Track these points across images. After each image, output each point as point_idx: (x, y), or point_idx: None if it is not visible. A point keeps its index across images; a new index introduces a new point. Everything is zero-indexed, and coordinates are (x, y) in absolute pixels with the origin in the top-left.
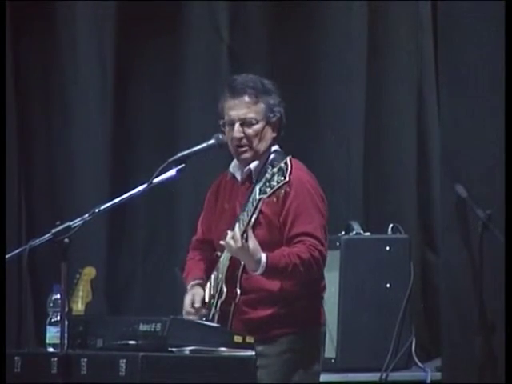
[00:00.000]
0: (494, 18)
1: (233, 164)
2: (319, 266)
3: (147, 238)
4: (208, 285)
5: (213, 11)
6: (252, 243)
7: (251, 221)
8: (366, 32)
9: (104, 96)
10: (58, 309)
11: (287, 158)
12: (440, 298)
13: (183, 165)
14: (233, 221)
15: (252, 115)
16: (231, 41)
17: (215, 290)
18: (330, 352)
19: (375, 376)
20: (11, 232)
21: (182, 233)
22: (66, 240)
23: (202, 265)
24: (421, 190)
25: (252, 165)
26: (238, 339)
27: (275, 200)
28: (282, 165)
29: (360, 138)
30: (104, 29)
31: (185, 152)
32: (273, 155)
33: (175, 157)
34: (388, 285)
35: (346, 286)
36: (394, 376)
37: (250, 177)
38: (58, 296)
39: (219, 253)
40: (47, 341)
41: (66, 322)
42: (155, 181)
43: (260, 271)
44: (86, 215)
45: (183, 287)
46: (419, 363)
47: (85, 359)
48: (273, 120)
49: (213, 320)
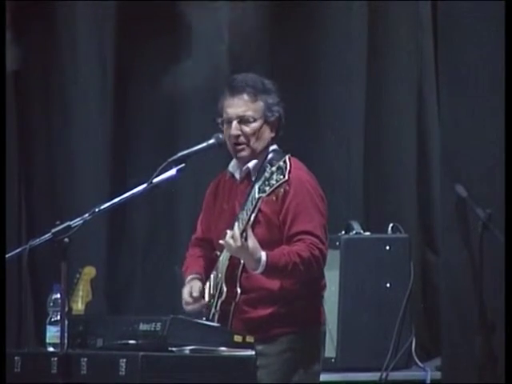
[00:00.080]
0: (494, 18)
1: (232, 163)
2: (319, 265)
3: (147, 238)
4: (208, 284)
5: (213, 11)
6: (251, 242)
7: (250, 220)
8: (366, 32)
9: (104, 96)
10: (58, 308)
11: (286, 157)
12: (440, 298)
13: (183, 164)
14: (232, 220)
15: (250, 113)
16: (231, 41)
17: (215, 290)
18: (330, 351)
19: (375, 375)
20: (11, 232)
21: (182, 232)
22: (66, 240)
23: (201, 261)
24: (421, 190)
25: (250, 164)
26: (238, 339)
27: (274, 199)
28: (281, 163)
29: (360, 138)
30: (104, 29)
31: (185, 152)
32: (271, 154)
33: (175, 156)
34: (388, 284)
35: (346, 286)
36: (394, 375)
37: (249, 176)
38: (58, 295)
39: (218, 252)
40: (47, 340)
41: (66, 322)
42: (155, 180)
43: (260, 270)
44: (86, 215)
45: (182, 283)
46: (419, 363)
47: (85, 359)
48: (271, 119)
49: (213, 320)
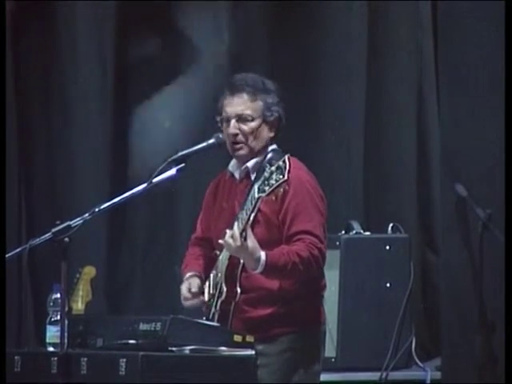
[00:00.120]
0: (494, 18)
1: (232, 163)
2: (319, 264)
3: (147, 238)
4: (207, 283)
5: (213, 11)
6: (251, 242)
7: (250, 219)
8: (366, 32)
9: (104, 96)
10: (58, 308)
11: (285, 157)
12: (440, 298)
13: (183, 164)
14: (232, 219)
15: (248, 112)
16: (231, 41)
17: (215, 289)
18: (330, 351)
19: (375, 375)
20: (11, 232)
21: (182, 232)
22: (66, 239)
23: (201, 260)
24: (421, 190)
25: (249, 163)
26: (238, 338)
27: (274, 198)
28: (281, 163)
29: (360, 138)
30: (104, 29)
31: (185, 151)
32: (271, 154)
33: (175, 156)
34: (388, 284)
35: (346, 286)
36: (394, 375)
37: (248, 175)
38: (58, 295)
39: (218, 252)
40: (47, 340)
41: (66, 322)
42: (155, 180)
43: (259, 270)
44: (86, 215)
45: (182, 282)
46: (419, 363)
47: (85, 358)
48: (270, 119)
49: (213, 319)
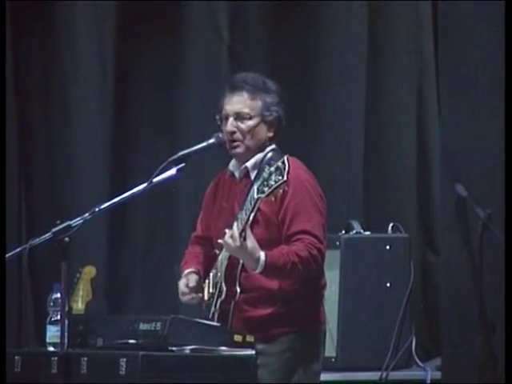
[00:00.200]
0: (494, 18)
1: (232, 162)
2: (318, 264)
3: (147, 237)
4: (207, 282)
5: (213, 11)
6: (250, 242)
7: (249, 220)
8: (366, 32)
9: (104, 96)
10: (58, 308)
11: (284, 157)
12: (440, 298)
13: (183, 164)
14: (231, 219)
15: (246, 110)
16: (231, 41)
17: (214, 289)
18: (331, 351)
19: (375, 375)
20: (11, 232)
21: (182, 232)
22: (66, 239)
23: (200, 259)
24: (421, 190)
25: (249, 163)
26: (238, 338)
27: (273, 199)
28: (280, 164)
29: (360, 138)
30: (104, 29)
31: (185, 151)
32: (270, 154)
33: (175, 156)
34: (388, 284)
35: (346, 285)
36: (394, 375)
37: (248, 175)
38: (58, 295)
39: (217, 251)
40: (47, 340)
41: (66, 321)
42: (155, 180)
43: (259, 270)
44: (86, 214)
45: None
46: (419, 362)
47: (85, 358)
48: (269, 118)
49: (213, 319)
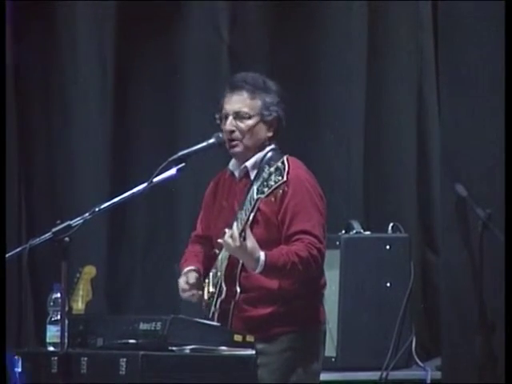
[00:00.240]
0: (494, 18)
1: (232, 161)
2: (318, 264)
3: (147, 237)
4: (206, 282)
5: (213, 11)
6: (250, 242)
7: (249, 220)
8: (366, 32)
9: (104, 96)
10: (59, 308)
11: (284, 158)
12: (440, 298)
13: (183, 164)
14: (231, 218)
15: (245, 110)
16: (231, 41)
17: (214, 288)
18: (331, 351)
19: (375, 375)
20: (11, 232)
21: (182, 232)
22: (67, 239)
23: (200, 257)
24: (421, 190)
25: (248, 162)
26: (238, 338)
27: (273, 200)
28: (279, 164)
29: (360, 138)
30: (104, 29)
31: (185, 151)
32: (270, 153)
33: (175, 156)
34: (388, 284)
35: (346, 285)
36: (394, 375)
37: (248, 174)
38: (59, 295)
39: (217, 250)
40: (47, 340)
41: (67, 321)
42: (155, 180)
43: (259, 270)
44: (87, 214)
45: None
46: (419, 362)
47: (85, 358)
48: (268, 118)
49: (213, 318)
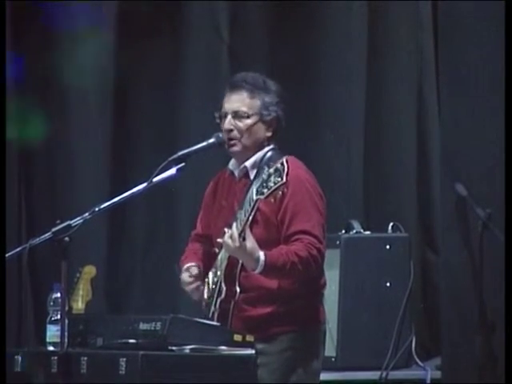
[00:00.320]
0: (494, 18)
1: (232, 161)
2: (317, 264)
3: (147, 237)
4: (206, 281)
5: (213, 11)
6: (250, 242)
7: (249, 220)
8: (366, 32)
9: (104, 96)
10: (58, 307)
11: (283, 159)
12: (440, 297)
13: (183, 163)
14: (231, 218)
15: (244, 109)
16: (231, 41)
17: (214, 288)
18: (331, 351)
19: (375, 374)
20: (11, 231)
21: (182, 231)
22: (66, 239)
23: (200, 256)
24: (421, 190)
25: (248, 162)
26: (238, 338)
27: (273, 201)
28: (279, 165)
29: (360, 138)
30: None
31: (185, 151)
32: (269, 153)
33: (175, 155)
34: (388, 283)
35: (346, 285)
36: (394, 375)
37: (247, 174)
38: (58, 295)
39: (217, 249)
40: (47, 339)
41: (66, 321)
42: (155, 179)
43: (259, 270)
44: (86, 214)
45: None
46: (419, 362)
47: (85, 358)
48: (267, 118)
49: (212, 318)
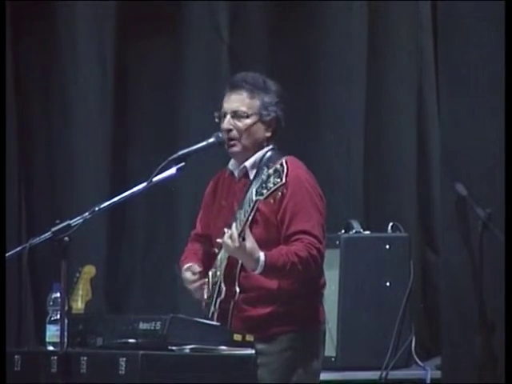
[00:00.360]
0: (494, 18)
1: (231, 161)
2: (317, 264)
3: (147, 237)
4: (206, 281)
5: (213, 11)
6: (250, 243)
7: (248, 221)
8: (366, 32)
9: (104, 96)
10: (58, 307)
11: (283, 160)
12: (440, 297)
13: (183, 163)
14: (230, 218)
15: (243, 109)
16: (231, 41)
17: (214, 288)
18: (330, 350)
19: (375, 374)
20: (11, 231)
21: (182, 231)
22: (66, 238)
23: (200, 256)
24: (421, 190)
25: (247, 162)
26: (238, 337)
27: (272, 202)
28: (278, 166)
29: (360, 138)
30: (104, 29)
31: (185, 150)
32: (269, 153)
33: (175, 155)
34: (388, 283)
35: (346, 285)
36: (394, 374)
37: (247, 174)
38: (58, 294)
39: (217, 250)
40: (47, 339)
41: (66, 321)
42: (155, 179)
43: (259, 270)
44: (86, 214)
45: (181, 279)
46: (419, 362)
47: (85, 358)
48: (266, 118)
49: (212, 318)
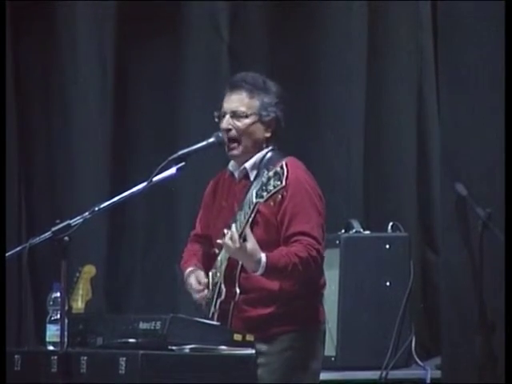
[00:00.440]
0: (494, 18)
1: (232, 162)
2: (317, 265)
3: (147, 237)
4: (206, 281)
5: (213, 11)
6: (251, 244)
7: (248, 222)
8: (366, 32)
9: (104, 96)
10: (58, 307)
11: (283, 162)
12: (440, 297)
13: (183, 163)
14: (230, 219)
15: (243, 109)
16: (231, 41)
17: (214, 289)
18: (330, 350)
19: (375, 374)
20: (11, 231)
21: (182, 231)
22: (66, 238)
23: (200, 257)
24: (421, 190)
25: (247, 164)
26: (238, 337)
27: (272, 204)
28: (278, 169)
29: (360, 138)
30: (104, 29)
31: (185, 150)
32: (269, 154)
33: (175, 155)
34: (388, 283)
35: (346, 285)
36: (394, 374)
37: (247, 176)
38: (58, 294)
39: (217, 250)
40: (47, 339)
41: (66, 321)
42: (155, 179)
43: (260, 271)
44: (86, 213)
45: (181, 279)
46: (419, 361)
47: (85, 357)
48: (266, 119)
49: (212, 319)
